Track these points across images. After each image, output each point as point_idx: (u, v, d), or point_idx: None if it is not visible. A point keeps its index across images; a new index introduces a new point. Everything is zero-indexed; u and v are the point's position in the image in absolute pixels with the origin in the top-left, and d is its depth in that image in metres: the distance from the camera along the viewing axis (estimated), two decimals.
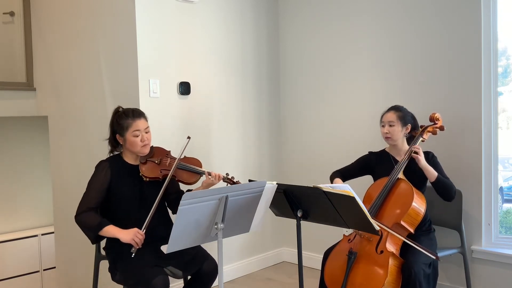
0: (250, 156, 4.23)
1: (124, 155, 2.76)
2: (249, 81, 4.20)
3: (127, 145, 2.69)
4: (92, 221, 2.56)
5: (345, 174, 3.15)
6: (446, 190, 2.87)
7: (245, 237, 4.02)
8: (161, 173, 2.70)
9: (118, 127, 2.68)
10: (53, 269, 4.54)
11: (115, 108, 2.78)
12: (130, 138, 2.65)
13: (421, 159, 2.83)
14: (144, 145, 2.68)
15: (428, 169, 2.84)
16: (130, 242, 2.51)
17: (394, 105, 3.05)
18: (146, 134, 2.69)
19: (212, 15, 3.87)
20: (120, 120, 2.68)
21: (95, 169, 2.71)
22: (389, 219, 2.75)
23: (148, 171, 2.70)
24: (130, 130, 2.65)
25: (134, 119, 2.66)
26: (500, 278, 3.27)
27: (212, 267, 2.70)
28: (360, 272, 2.66)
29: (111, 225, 2.55)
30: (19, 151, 4.99)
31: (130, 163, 2.75)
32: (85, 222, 2.57)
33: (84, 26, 3.73)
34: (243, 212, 2.36)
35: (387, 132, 2.96)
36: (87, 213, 2.58)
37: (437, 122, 3.02)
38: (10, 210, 4.93)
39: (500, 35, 3.28)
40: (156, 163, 2.74)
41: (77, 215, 2.61)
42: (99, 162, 2.74)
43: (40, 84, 4.18)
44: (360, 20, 3.87)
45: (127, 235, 2.52)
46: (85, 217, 2.58)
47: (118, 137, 2.70)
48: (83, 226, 2.59)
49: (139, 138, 2.66)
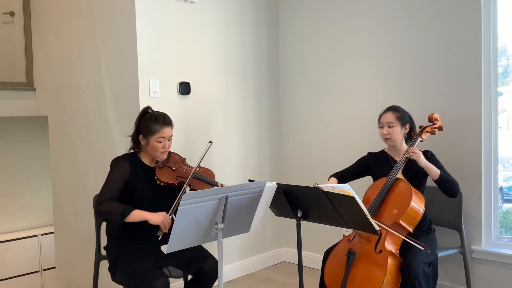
0: (250, 156, 4.23)
1: (141, 156, 2.76)
2: (249, 81, 4.20)
3: (148, 148, 2.69)
4: (117, 208, 2.53)
5: (345, 176, 3.14)
6: (450, 187, 2.86)
7: (245, 237, 4.02)
8: (176, 180, 2.74)
9: (144, 128, 2.68)
10: (53, 269, 4.54)
11: (144, 108, 2.78)
12: (153, 143, 2.66)
13: (421, 159, 2.83)
14: (164, 151, 2.70)
15: (430, 168, 2.84)
16: (159, 223, 2.52)
17: (391, 106, 3.05)
18: (169, 141, 2.72)
19: (212, 15, 3.87)
20: (149, 123, 2.67)
21: (114, 163, 2.70)
22: (388, 218, 2.75)
23: (164, 176, 2.73)
24: (155, 135, 2.65)
25: (163, 126, 2.67)
26: (500, 278, 3.27)
27: (213, 267, 2.71)
28: (359, 271, 2.66)
29: (137, 209, 2.54)
30: (19, 151, 5.00)
31: (147, 164, 2.75)
32: (109, 210, 2.54)
33: (84, 26, 3.74)
34: (243, 212, 2.36)
35: (386, 133, 2.96)
36: (108, 202, 2.56)
37: (435, 122, 3.02)
38: (10, 210, 4.93)
39: (500, 35, 3.28)
40: (173, 169, 2.77)
41: (98, 204, 2.59)
42: (117, 158, 2.74)
43: (40, 84, 4.18)
44: (360, 20, 3.88)
45: (157, 217, 2.53)
46: (108, 206, 2.55)
47: (141, 138, 2.70)
48: (108, 214, 2.56)
49: (162, 145, 2.67)
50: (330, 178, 3.12)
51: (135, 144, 2.77)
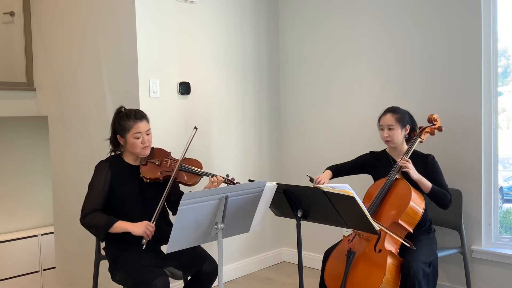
0: (250, 156, 4.23)
1: (124, 155, 2.76)
2: (249, 81, 4.20)
3: (128, 147, 2.68)
4: (100, 220, 2.54)
5: (342, 170, 3.18)
6: (441, 200, 2.87)
7: (245, 237, 4.02)
8: (161, 175, 2.70)
9: (119, 128, 2.67)
10: (53, 269, 4.54)
11: (117, 108, 2.77)
12: (130, 140, 2.65)
13: (412, 172, 2.81)
14: (145, 147, 2.67)
15: (422, 181, 2.83)
16: (142, 234, 2.51)
17: (390, 107, 3.03)
18: (147, 136, 2.68)
19: (212, 15, 3.87)
20: (122, 121, 2.66)
21: (95, 170, 2.70)
22: (387, 218, 2.75)
23: (149, 172, 2.69)
24: (131, 132, 2.64)
25: (135, 121, 2.64)
26: (500, 278, 3.27)
27: (212, 268, 2.70)
28: (359, 271, 2.66)
29: (120, 221, 2.54)
30: (19, 151, 5.00)
31: (130, 164, 2.74)
32: (93, 224, 2.56)
33: (84, 26, 3.74)
34: (243, 212, 2.36)
35: (387, 136, 2.95)
36: (92, 214, 2.57)
37: (435, 123, 3.02)
38: (10, 210, 4.93)
39: (500, 35, 3.28)
40: (157, 164, 2.73)
41: (82, 217, 2.59)
42: (98, 163, 2.73)
43: (40, 84, 4.18)
44: (360, 20, 3.88)
45: (138, 227, 2.52)
46: (92, 218, 2.56)
47: (119, 137, 2.69)
48: (91, 227, 2.57)
49: (140, 140, 2.65)
50: (325, 170, 3.15)
51: (114, 146, 2.76)
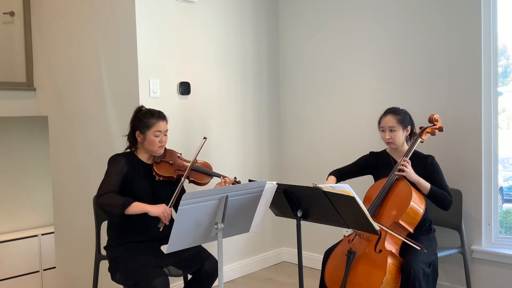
0: (250, 156, 4.23)
1: (138, 153, 2.80)
2: (249, 81, 4.20)
3: (145, 143, 2.74)
4: (117, 200, 2.56)
5: (344, 174, 3.16)
6: (440, 201, 2.87)
7: (245, 237, 4.02)
8: (175, 173, 2.80)
9: (140, 124, 2.73)
10: (53, 269, 4.54)
11: (138, 107, 2.85)
12: (150, 137, 2.72)
13: (410, 174, 2.81)
14: (161, 145, 2.77)
15: (420, 183, 2.83)
16: (159, 215, 2.56)
17: (390, 108, 3.03)
18: (165, 136, 2.78)
19: (212, 15, 3.87)
20: (144, 118, 2.74)
21: (111, 161, 2.74)
22: (388, 218, 2.75)
23: (163, 170, 2.78)
24: (152, 129, 2.72)
25: (158, 119, 2.74)
26: (500, 278, 3.27)
27: (213, 267, 2.71)
28: (359, 271, 2.66)
29: (137, 202, 2.57)
30: (19, 151, 4.99)
31: (144, 161, 2.79)
32: (109, 202, 2.57)
33: (84, 26, 3.74)
34: (243, 212, 2.36)
35: (389, 137, 2.94)
36: (108, 194, 2.59)
37: (436, 123, 3.02)
38: (10, 210, 4.93)
39: (500, 35, 3.28)
40: (170, 163, 2.83)
41: (98, 196, 2.62)
42: (114, 155, 2.77)
43: (40, 84, 4.18)
44: (360, 20, 3.88)
45: (157, 208, 2.57)
46: (108, 198, 2.58)
47: (138, 134, 2.74)
48: (108, 206, 2.59)
49: (158, 139, 2.73)
50: (329, 177, 3.13)
51: (131, 143, 2.81)
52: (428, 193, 2.84)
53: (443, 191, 2.88)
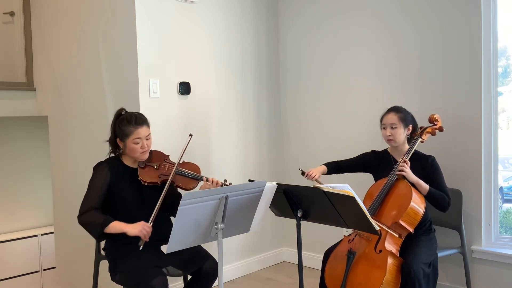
0: (250, 156, 4.23)
1: (123, 158, 2.75)
2: (249, 81, 4.20)
3: (127, 151, 2.68)
4: (97, 219, 2.54)
5: (343, 166, 3.20)
6: (438, 203, 2.87)
7: (245, 237, 4.02)
8: (159, 178, 2.71)
9: (119, 131, 2.67)
10: (53, 269, 4.54)
11: (118, 110, 2.76)
12: (130, 145, 2.64)
13: (409, 175, 2.81)
14: (144, 151, 2.67)
15: (420, 184, 2.82)
16: (138, 234, 2.49)
17: (393, 106, 3.04)
18: (147, 141, 2.68)
19: (212, 15, 3.87)
20: (122, 126, 2.65)
21: (94, 170, 2.70)
22: (388, 218, 2.75)
23: (147, 176, 2.69)
24: (131, 137, 2.63)
25: (136, 126, 2.64)
26: (500, 278, 3.27)
27: (213, 267, 2.70)
28: (359, 271, 2.66)
29: (116, 221, 2.54)
30: (19, 151, 4.99)
31: (129, 166, 2.74)
32: (89, 221, 2.56)
33: (84, 26, 3.74)
34: (243, 212, 2.36)
35: (389, 134, 2.95)
36: (90, 212, 2.57)
37: (436, 123, 3.02)
38: (10, 210, 4.93)
39: (500, 35, 3.28)
40: (155, 168, 2.73)
41: (80, 215, 2.59)
42: (97, 164, 2.73)
43: (40, 84, 4.18)
44: (360, 20, 3.88)
45: (134, 228, 2.50)
46: (89, 217, 2.56)
47: (119, 141, 2.69)
48: (87, 225, 2.57)
49: (139, 145, 2.65)
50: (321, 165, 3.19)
51: (114, 147, 2.76)
52: (427, 195, 2.84)
53: (442, 193, 2.87)
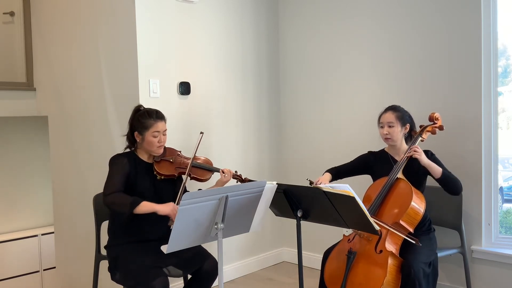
0: (250, 156, 4.23)
1: (139, 153, 2.80)
2: (249, 81, 4.20)
3: (144, 144, 2.74)
4: (125, 199, 2.56)
5: (341, 172, 3.16)
6: (453, 185, 2.85)
7: (245, 237, 4.01)
8: (176, 171, 2.82)
9: (139, 125, 2.73)
10: (53, 269, 4.54)
11: (136, 106, 2.84)
12: (149, 137, 2.72)
13: (422, 158, 2.82)
14: (160, 146, 2.76)
15: (432, 166, 2.83)
16: (169, 213, 2.55)
17: (391, 105, 3.04)
18: (164, 136, 2.77)
19: (212, 15, 3.87)
20: (143, 119, 2.73)
21: (112, 161, 2.73)
22: (388, 218, 2.75)
23: (164, 169, 2.80)
24: (150, 130, 2.71)
25: (156, 120, 2.73)
26: (500, 278, 3.27)
27: (213, 266, 2.72)
28: (359, 271, 2.66)
29: (145, 201, 2.57)
30: (19, 151, 4.99)
31: (144, 160, 2.80)
32: (118, 201, 2.57)
33: (84, 26, 3.74)
34: (243, 212, 2.36)
35: (386, 133, 2.95)
36: (116, 193, 2.59)
37: (436, 121, 3.02)
38: (10, 210, 4.93)
39: (500, 35, 3.28)
40: (171, 161, 2.85)
41: (105, 196, 2.60)
42: (115, 155, 2.77)
43: (40, 84, 4.18)
44: (360, 20, 3.88)
45: (166, 207, 2.57)
46: (116, 197, 2.58)
47: (136, 134, 2.75)
48: (116, 204, 2.58)
49: (157, 139, 2.73)
50: (325, 173, 3.14)
51: (130, 142, 2.81)
52: (441, 176, 2.81)
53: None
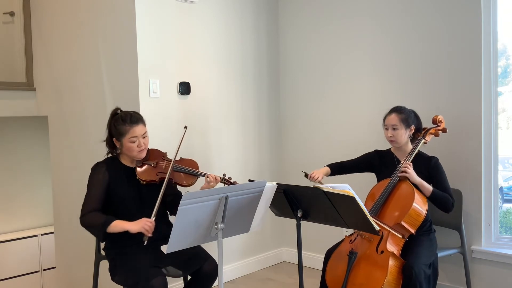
0: (250, 156, 4.23)
1: (121, 157, 2.75)
2: (249, 81, 4.20)
3: (124, 150, 2.68)
4: (98, 220, 2.54)
5: (346, 166, 3.19)
6: (442, 204, 2.87)
7: (245, 237, 4.01)
8: (157, 176, 2.70)
9: (115, 131, 2.65)
10: (53, 269, 4.54)
11: (113, 110, 2.75)
12: (126, 143, 2.63)
13: (413, 176, 2.81)
14: (141, 150, 2.66)
15: (423, 185, 2.83)
16: (140, 230, 2.48)
17: (395, 107, 3.03)
18: (144, 139, 2.67)
19: (212, 15, 3.87)
20: (118, 125, 2.64)
21: (92, 171, 2.69)
22: (390, 219, 2.75)
23: (145, 174, 2.68)
24: (127, 136, 2.62)
25: (131, 125, 2.62)
26: (500, 278, 3.27)
27: (212, 268, 2.70)
28: (360, 272, 2.66)
29: (117, 220, 2.53)
30: (19, 151, 4.99)
31: (127, 165, 2.73)
32: (91, 223, 2.56)
33: (84, 26, 3.73)
34: (243, 212, 2.36)
35: (391, 135, 2.96)
36: (91, 213, 2.57)
37: (439, 124, 3.02)
38: (10, 210, 4.93)
39: (500, 35, 3.27)
40: (152, 166, 2.72)
41: (81, 217, 2.59)
42: (95, 164, 2.72)
43: (40, 84, 4.18)
44: (360, 20, 3.88)
45: (135, 225, 2.50)
46: (90, 218, 2.56)
47: (115, 140, 2.68)
48: (89, 227, 2.58)
49: (136, 144, 2.63)
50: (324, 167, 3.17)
51: (111, 148, 2.75)
52: (430, 195, 2.84)
53: (445, 194, 2.88)
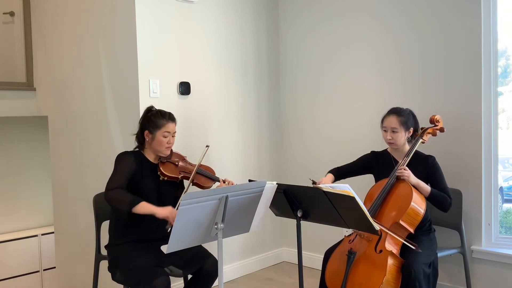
0: (250, 156, 4.23)
1: (145, 153, 2.83)
2: (249, 81, 4.20)
3: (153, 143, 2.77)
4: (126, 197, 2.57)
5: (344, 172, 3.16)
6: (440, 204, 2.89)
7: (245, 237, 4.01)
8: (180, 174, 2.85)
9: (150, 124, 2.77)
10: (53, 269, 4.54)
11: (148, 107, 2.87)
12: (159, 137, 2.76)
13: (410, 178, 2.81)
14: (168, 147, 2.81)
15: (420, 185, 2.83)
16: (167, 217, 2.54)
17: (394, 108, 3.03)
18: (173, 138, 2.82)
19: (212, 15, 3.87)
20: (155, 118, 2.77)
21: (120, 157, 2.76)
22: (388, 218, 2.75)
23: (168, 170, 2.83)
24: (162, 129, 2.76)
25: (168, 121, 2.79)
26: (500, 278, 3.27)
27: (213, 267, 2.72)
28: (359, 271, 2.66)
29: (144, 202, 2.57)
30: (19, 151, 4.99)
31: (151, 161, 2.83)
32: (118, 198, 2.58)
33: (84, 26, 3.74)
34: (243, 212, 2.36)
35: (390, 138, 2.95)
36: (117, 190, 2.60)
37: (437, 124, 3.02)
38: (10, 210, 4.93)
39: (500, 35, 3.28)
40: (176, 164, 2.89)
41: (107, 191, 2.62)
42: (122, 152, 2.80)
43: (40, 84, 4.18)
44: (360, 20, 3.88)
45: (164, 210, 2.56)
46: (118, 193, 2.59)
47: (147, 133, 2.77)
48: (115, 201, 2.59)
49: (167, 140, 2.77)
50: (327, 174, 3.14)
51: (139, 142, 2.84)
52: (428, 196, 2.85)
53: (443, 193, 2.88)
